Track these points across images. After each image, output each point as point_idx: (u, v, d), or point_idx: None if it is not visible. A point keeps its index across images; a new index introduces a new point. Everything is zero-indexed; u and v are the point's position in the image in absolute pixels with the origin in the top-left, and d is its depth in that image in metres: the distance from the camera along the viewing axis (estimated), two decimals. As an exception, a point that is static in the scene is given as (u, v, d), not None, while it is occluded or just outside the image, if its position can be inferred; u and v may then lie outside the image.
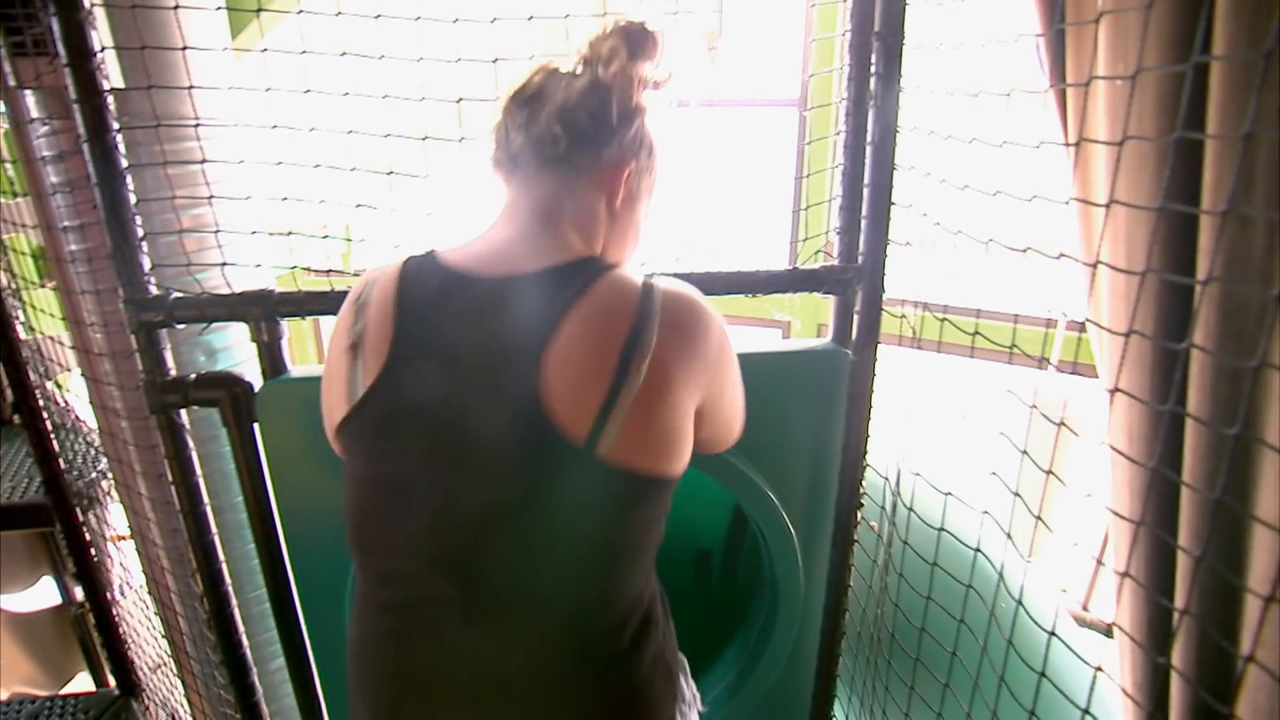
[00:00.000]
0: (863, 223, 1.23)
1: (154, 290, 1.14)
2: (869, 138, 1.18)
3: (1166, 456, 0.75)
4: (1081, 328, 1.07)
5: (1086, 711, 1.00)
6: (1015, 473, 1.11)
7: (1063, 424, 0.87)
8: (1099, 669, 1.05)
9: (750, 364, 1.25)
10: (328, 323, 1.02)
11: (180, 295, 1.13)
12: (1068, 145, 0.85)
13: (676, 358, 0.72)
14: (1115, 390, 0.82)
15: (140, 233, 1.10)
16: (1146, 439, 0.80)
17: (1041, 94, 0.99)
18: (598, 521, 0.74)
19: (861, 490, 1.33)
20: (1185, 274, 0.70)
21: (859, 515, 1.34)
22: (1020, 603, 1.18)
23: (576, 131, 0.78)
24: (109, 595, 1.96)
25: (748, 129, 4.31)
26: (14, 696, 2.50)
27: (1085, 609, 3.37)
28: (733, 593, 1.79)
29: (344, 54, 1.10)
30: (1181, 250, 0.72)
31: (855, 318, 1.28)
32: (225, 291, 1.13)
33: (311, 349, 5.07)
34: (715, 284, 1.24)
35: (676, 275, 1.21)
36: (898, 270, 1.28)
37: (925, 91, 1.15)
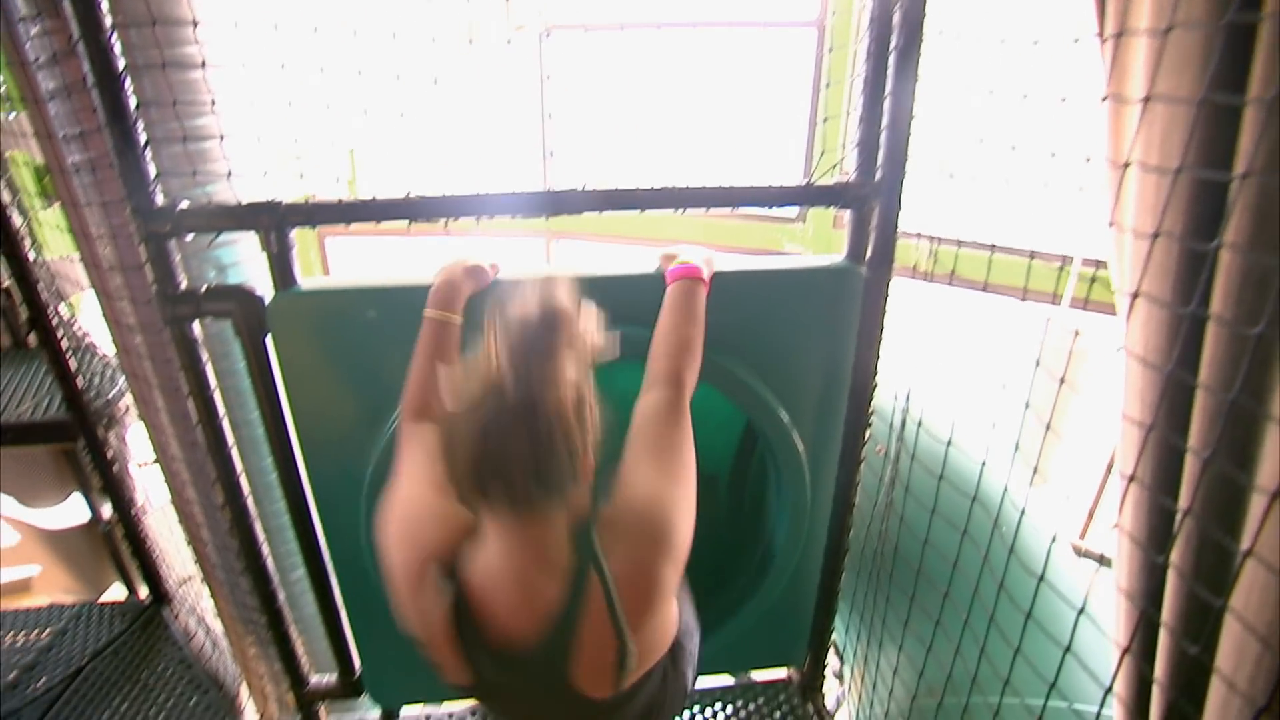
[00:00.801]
0: (882, 135, 1.19)
1: (160, 201, 1.13)
2: (892, 43, 1.12)
3: (1183, 361, 0.75)
4: (1098, 265, 1.04)
5: (1082, 610, 1.03)
6: (1023, 403, 1.11)
7: (1073, 350, 0.86)
8: (1102, 559, 1.07)
9: (763, 281, 1.24)
10: (334, 243, 1.00)
11: (188, 206, 1.11)
12: (1104, 39, 0.80)
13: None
14: (1136, 295, 0.80)
15: (143, 139, 1.08)
16: (1164, 345, 0.79)
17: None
18: None
19: (870, 410, 1.33)
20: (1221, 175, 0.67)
21: (867, 435, 1.35)
22: (1019, 525, 1.20)
23: (549, 483, 0.75)
24: (135, 509, 2.03)
25: (762, 54, 4.15)
26: (53, 605, 2.62)
27: (1081, 539, 3.43)
28: (739, 516, 1.83)
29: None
30: (1218, 151, 0.69)
31: (871, 234, 1.25)
32: (233, 203, 1.12)
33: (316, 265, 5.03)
34: (730, 198, 1.21)
35: (692, 189, 1.19)
36: (913, 201, 1.25)
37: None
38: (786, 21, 4.01)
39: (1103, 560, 2.81)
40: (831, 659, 1.72)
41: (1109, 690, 0.92)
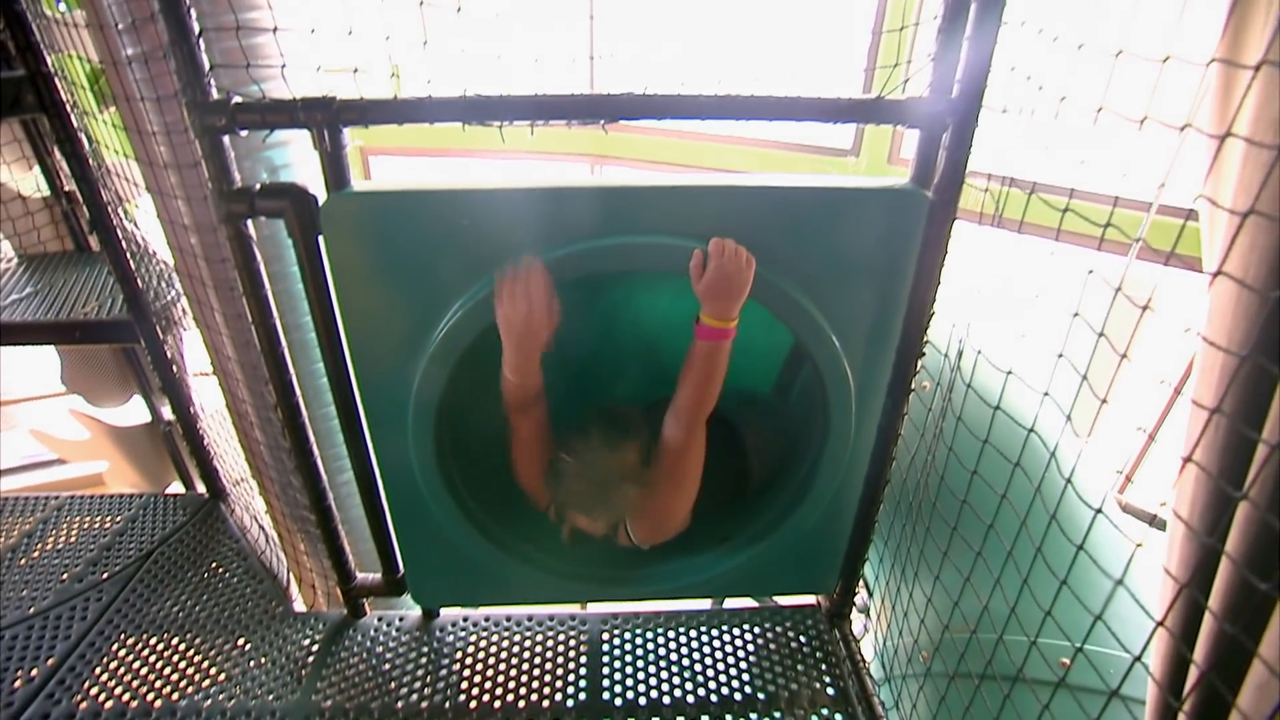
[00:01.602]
0: (964, 46, 1.11)
1: (215, 94, 1.12)
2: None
3: (1262, 347, 0.70)
4: (1187, 216, 0.97)
5: (1120, 582, 1.00)
6: (1081, 355, 1.06)
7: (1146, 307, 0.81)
8: (1139, 545, 1.04)
9: (824, 198, 1.19)
10: (379, 165, 0.98)
11: (242, 100, 1.10)
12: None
13: None
14: (1219, 273, 0.75)
15: (197, 28, 1.06)
16: (1245, 327, 0.74)
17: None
18: None
19: (925, 341, 1.30)
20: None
21: (919, 365, 1.31)
22: (1069, 481, 1.17)
23: None
24: (192, 410, 2.12)
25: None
26: (124, 495, 2.79)
27: (1120, 495, 3.37)
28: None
29: None
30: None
31: (940, 158, 1.18)
32: (282, 99, 1.10)
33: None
34: (791, 109, 1.15)
35: (751, 99, 1.13)
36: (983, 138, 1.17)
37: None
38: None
39: (1154, 522, 2.76)
40: (859, 590, 1.74)
41: (1139, 659, 0.90)
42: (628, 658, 1.68)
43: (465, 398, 1.38)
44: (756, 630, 1.75)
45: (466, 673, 1.64)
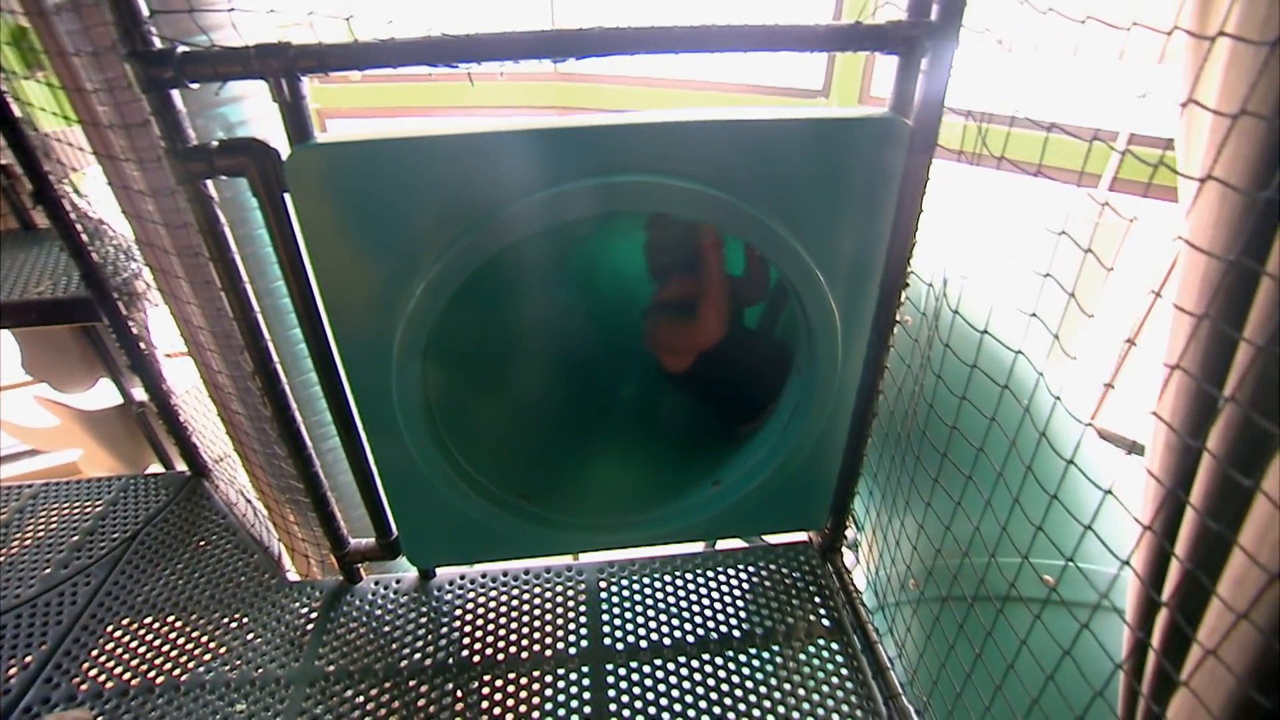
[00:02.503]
0: (941, -36, 1.08)
1: (158, 44, 1.05)
2: None
3: (1251, 250, 0.71)
4: (1166, 146, 0.96)
5: (1109, 492, 1.03)
6: (1060, 286, 1.06)
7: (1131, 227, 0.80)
8: (1131, 448, 1.07)
9: (797, 130, 1.17)
10: (336, 127, 0.93)
11: (189, 49, 1.03)
12: None
13: None
14: (1208, 179, 0.75)
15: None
16: (1232, 230, 0.74)
17: None
18: None
19: (908, 272, 1.29)
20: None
21: (903, 297, 1.32)
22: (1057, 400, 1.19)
23: None
24: (165, 386, 2.06)
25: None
26: (102, 479, 2.73)
27: (1093, 419, 3.48)
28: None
29: None
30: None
31: (920, 80, 1.16)
32: (233, 45, 1.04)
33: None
34: (771, 39, 1.11)
35: (720, 29, 1.09)
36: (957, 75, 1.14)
37: None
38: None
39: (1134, 449, 2.85)
40: (849, 524, 1.78)
41: (1126, 563, 0.93)
42: (626, 603, 1.70)
43: (449, 351, 1.36)
44: (751, 569, 1.79)
45: (467, 628, 1.66)
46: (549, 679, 1.53)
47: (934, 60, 1.14)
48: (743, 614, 1.66)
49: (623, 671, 1.54)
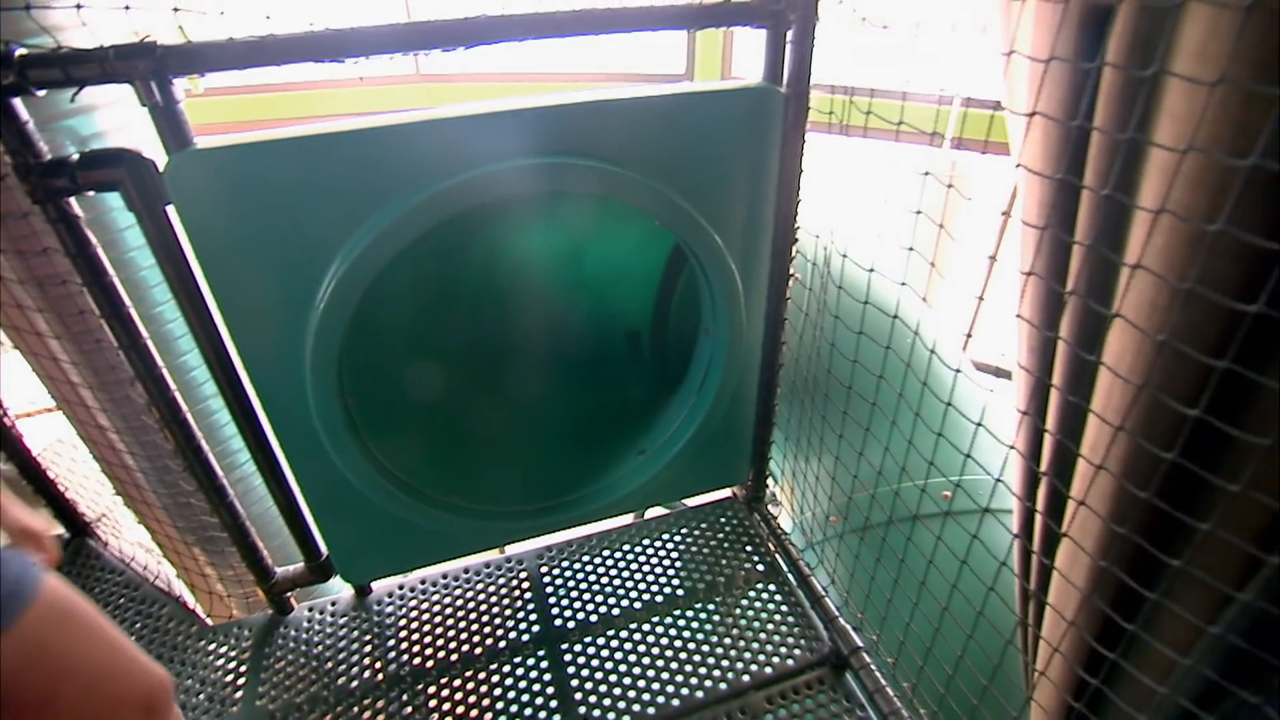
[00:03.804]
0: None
1: (-2, 54, 0.96)
2: None
3: (1072, 169, 0.86)
4: (996, 107, 1.12)
5: (980, 424, 1.19)
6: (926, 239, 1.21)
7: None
8: (997, 371, 1.23)
9: (683, 104, 1.25)
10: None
11: (32, 51, 0.96)
12: None
13: None
14: (1034, 114, 0.89)
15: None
16: (1056, 155, 0.89)
17: None
18: None
19: (796, 227, 1.41)
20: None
21: (794, 252, 1.43)
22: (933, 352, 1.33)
23: None
24: (23, 447, 1.86)
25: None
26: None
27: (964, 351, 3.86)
28: (666, 367, 1.90)
29: None
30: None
31: (788, 50, 1.27)
32: (93, 45, 0.97)
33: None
34: (645, 19, 1.18)
35: (581, 13, 1.14)
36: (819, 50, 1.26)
37: None
38: None
39: (998, 373, 3.19)
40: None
41: (999, 480, 1.09)
42: (569, 583, 1.74)
43: (363, 356, 1.34)
44: (684, 531, 1.87)
45: (415, 636, 1.63)
46: (507, 669, 1.54)
47: (799, 30, 1.25)
48: (683, 574, 1.74)
49: (578, 648, 1.58)
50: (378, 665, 1.57)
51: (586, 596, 1.70)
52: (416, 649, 1.60)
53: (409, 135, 1.11)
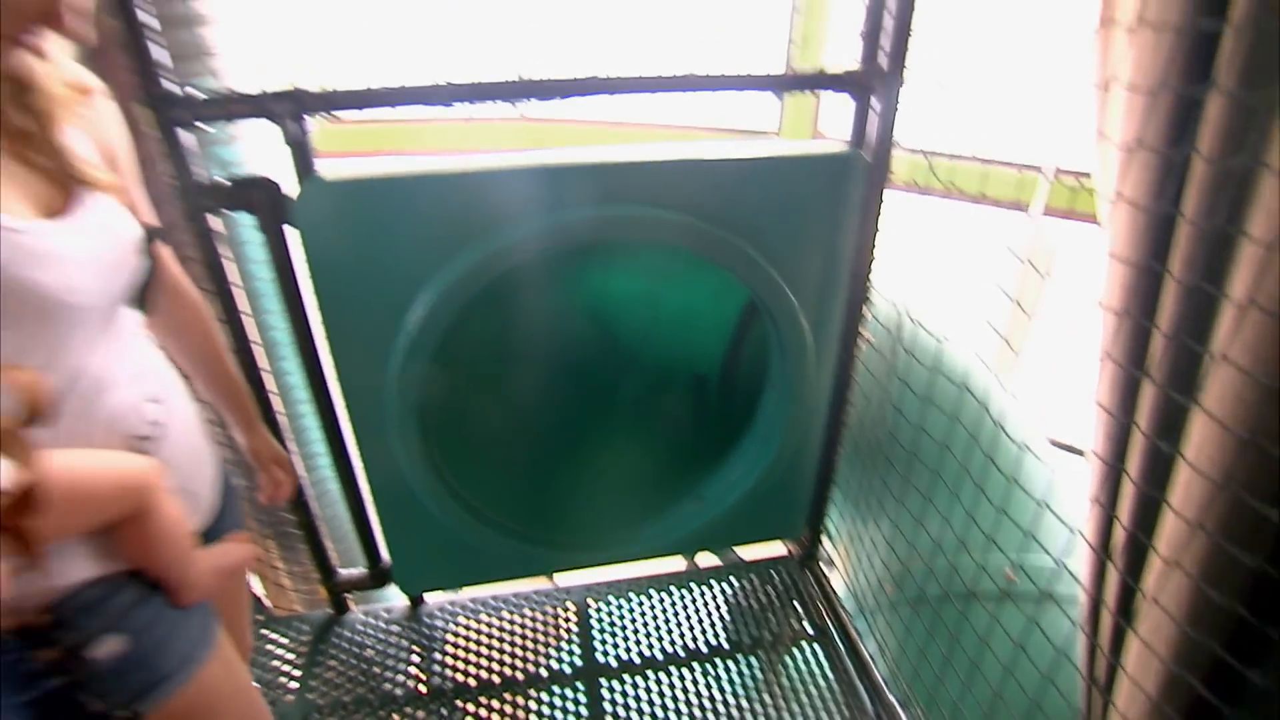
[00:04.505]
0: (887, 24, 1.23)
1: (169, 86, 1.11)
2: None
3: (1158, 254, 0.85)
4: (1083, 176, 1.11)
5: (1043, 504, 1.15)
6: (1005, 309, 1.19)
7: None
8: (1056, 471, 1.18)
9: (768, 165, 1.29)
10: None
11: (201, 92, 1.10)
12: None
13: None
14: (1118, 198, 0.89)
15: (154, 22, 1.05)
16: (1141, 239, 0.88)
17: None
18: None
19: (869, 289, 1.42)
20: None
21: (865, 311, 1.44)
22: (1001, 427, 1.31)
23: None
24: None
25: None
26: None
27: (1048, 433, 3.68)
28: (730, 415, 1.92)
29: None
30: (1195, 73, 0.76)
31: (872, 122, 1.30)
32: (246, 90, 1.11)
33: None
34: (744, 82, 1.24)
35: (688, 76, 1.21)
36: (906, 114, 1.30)
37: None
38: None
39: (1072, 450, 3.03)
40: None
41: (1062, 564, 1.04)
42: (615, 620, 1.75)
43: (443, 377, 1.42)
44: (734, 582, 1.85)
45: (461, 653, 1.67)
46: (545, 696, 1.56)
47: (884, 100, 1.28)
48: (729, 624, 1.73)
49: (617, 685, 1.58)
50: (423, 676, 1.62)
51: (630, 635, 1.71)
52: (461, 665, 1.64)
53: (504, 179, 1.20)
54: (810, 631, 1.69)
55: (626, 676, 1.60)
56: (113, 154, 0.89)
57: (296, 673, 1.64)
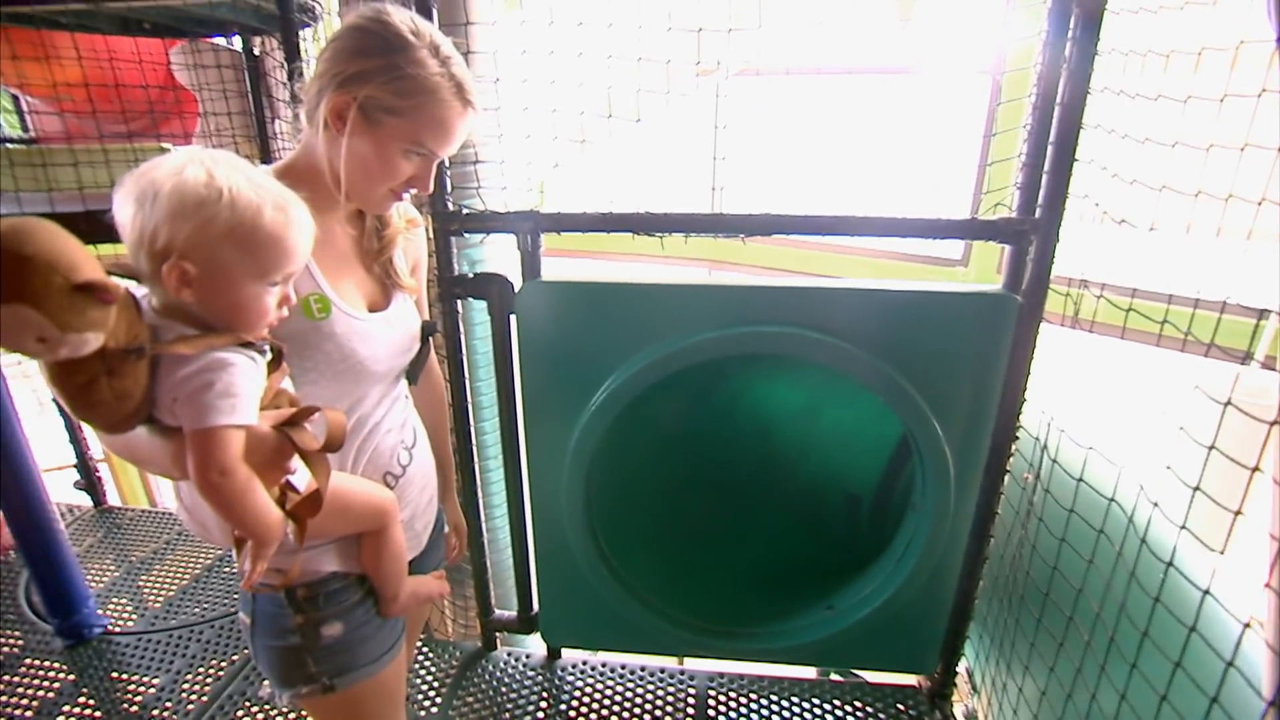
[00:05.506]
0: (1043, 178, 1.33)
1: (450, 206, 1.51)
2: (1058, 98, 1.27)
3: None
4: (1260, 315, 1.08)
5: (1231, 664, 1.07)
6: (1202, 466, 1.13)
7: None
8: (1247, 624, 1.09)
9: (925, 300, 1.42)
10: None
11: (469, 210, 1.49)
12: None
13: None
14: None
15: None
16: None
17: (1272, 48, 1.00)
18: None
19: (1017, 427, 1.44)
20: None
21: (1013, 448, 1.45)
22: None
23: None
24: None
25: (939, 97, 4.26)
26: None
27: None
28: (881, 539, 1.93)
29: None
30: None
31: (1028, 268, 1.38)
32: (500, 210, 1.49)
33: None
34: (897, 228, 1.40)
35: (861, 217, 1.39)
36: (1080, 248, 1.36)
37: (1120, 55, 1.22)
38: (963, 68, 4.10)
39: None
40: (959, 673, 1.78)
41: None
42: (733, 714, 1.79)
43: (610, 461, 1.64)
44: (858, 704, 1.82)
45: (585, 710, 1.81)
46: (653, 770, 1.64)
47: (1039, 248, 1.37)
48: (847, 748, 1.69)
49: (722, 777, 1.61)
50: (548, 722, 1.77)
51: (743, 732, 1.74)
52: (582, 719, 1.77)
53: (688, 295, 1.44)
54: (933, 776, 1.61)
55: (733, 771, 1.63)
56: (417, 266, 1.22)
57: (442, 692, 1.87)
